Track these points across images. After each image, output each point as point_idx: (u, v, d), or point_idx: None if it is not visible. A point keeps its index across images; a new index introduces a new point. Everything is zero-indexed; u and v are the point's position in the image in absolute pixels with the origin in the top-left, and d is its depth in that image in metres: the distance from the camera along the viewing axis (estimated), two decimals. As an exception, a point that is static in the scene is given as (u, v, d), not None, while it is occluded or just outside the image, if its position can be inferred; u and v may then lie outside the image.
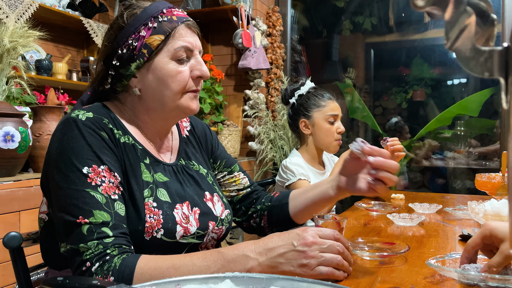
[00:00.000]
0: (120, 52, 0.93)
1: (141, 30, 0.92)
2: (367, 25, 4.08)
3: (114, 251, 0.78)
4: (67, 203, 0.81)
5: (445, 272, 0.79)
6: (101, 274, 0.76)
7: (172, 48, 0.92)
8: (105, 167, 0.85)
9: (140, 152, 0.95)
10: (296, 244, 0.76)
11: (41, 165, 1.92)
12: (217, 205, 1.05)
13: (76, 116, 0.87)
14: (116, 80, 0.96)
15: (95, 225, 0.79)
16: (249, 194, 1.20)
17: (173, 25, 0.93)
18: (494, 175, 1.52)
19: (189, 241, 0.94)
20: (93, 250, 0.78)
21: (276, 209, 1.16)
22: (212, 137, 1.21)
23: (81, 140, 0.85)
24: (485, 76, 0.37)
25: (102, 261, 0.77)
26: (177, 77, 0.93)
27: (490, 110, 3.64)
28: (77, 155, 0.83)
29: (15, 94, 1.97)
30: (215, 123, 3.09)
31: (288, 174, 1.74)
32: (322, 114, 1.81)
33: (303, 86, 1.89)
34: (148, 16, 0.93)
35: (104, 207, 0.81)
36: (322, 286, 0.60)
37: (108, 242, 0.79)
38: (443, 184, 3.94)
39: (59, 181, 0.83)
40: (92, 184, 0.82)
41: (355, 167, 0.98)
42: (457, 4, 0.36)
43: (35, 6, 2.42)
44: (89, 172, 0.83)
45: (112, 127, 0.91)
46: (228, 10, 3.02)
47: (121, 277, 0.75)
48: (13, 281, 1.55)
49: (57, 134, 0.87)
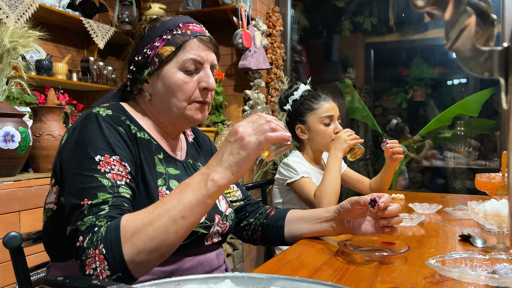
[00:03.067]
0: (137, 59, 1.02)
1: (156, 41, 1.01)
2: (367, 25, 4.08)
3: (102, 221, 0.79)
4: (77, 187, 0.84)
5: (445, 272, 0.79)
6: (92, 247, 0.77)
7: (181, 59, 0.99)
8: (117, 157, 0.89)
9: (154, 147, 1.01)
10: (231, 139, 0.82)
11: (41, 165, 1.93)
12: (222, 202, 1.10)
13: (97, 111, 0.93)
14: (133, 83, 1.05)
15: (95, 205, 0.82)
16: (243, 207, 1.24)
17: (185, 38, 1.00)
18: (494, 175, 1.52)
19: (197, 229, 0.98)
20: (87, 224, 0.80)
21: (270, 229, 1.20)
22: (212, 146, 1.28)
23: (99, 132, 0.89)
24: (485, 76, 0.37)
25: (91, 233, 0.78)
26: (183, 87, 0.99)
27: (490, 110, 3.63)
28: (93, 145, 0.88)
29: (15, 94, 1.97)
30: (215, 123, 3.09)
31: (290, 172, 1.72)
32: (316, 117, 1.77)
33: (297, 91, 1.85)
34: (165, 29, 1.01)
35: (109, 190, 0.84)
36: (322, 286, 0.60)
37: (100, 214, 0.81)
38: (443, 184, 3.94)
39: (73, 167, 0.87)
40: (101, 170, 0.86)
41: (357, 213, 1.05)
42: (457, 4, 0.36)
43: (35, 6, 2.42)
44: (101, 160, 0.87)
45: (129, 123, 0.97)
46: (228, 10, 3.02)
47: (109, 242, 0.76)
48: (13, 281, 1.55)
49: (78, 126, 0.92)
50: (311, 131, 1.79)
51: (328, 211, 1.12)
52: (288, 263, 0.94)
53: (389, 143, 1.72)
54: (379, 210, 0.99)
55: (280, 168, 1.80)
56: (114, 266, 0.75)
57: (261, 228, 1.21)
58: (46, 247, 1.01)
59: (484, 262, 0.83)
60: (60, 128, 1.96)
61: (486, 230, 1.23)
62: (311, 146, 1.83)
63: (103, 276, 0.76)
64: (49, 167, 1.93)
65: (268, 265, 0.93)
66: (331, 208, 1.11)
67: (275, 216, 1.21)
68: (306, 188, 1.65)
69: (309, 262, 0.94)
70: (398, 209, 1.00)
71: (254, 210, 1.25)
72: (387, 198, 1.00)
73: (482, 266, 0.82)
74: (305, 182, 1.67)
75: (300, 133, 1.82)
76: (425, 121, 3.70)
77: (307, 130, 1.80)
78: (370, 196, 1.00)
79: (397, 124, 3.91)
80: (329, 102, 1.80)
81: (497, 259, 0.82)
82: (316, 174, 1.82)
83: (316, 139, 1.79)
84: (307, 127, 1.80)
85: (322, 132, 1.77)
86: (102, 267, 0.76)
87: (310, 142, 1.82)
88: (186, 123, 1.04)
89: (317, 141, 1.79)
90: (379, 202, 0.98)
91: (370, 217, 1.05)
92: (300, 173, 1.69)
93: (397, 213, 1.00)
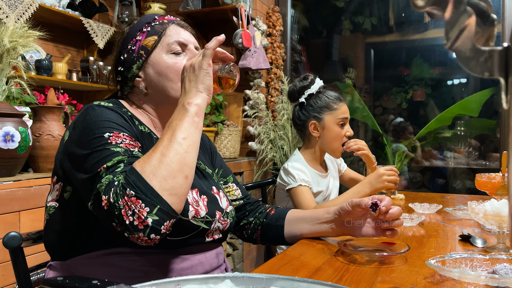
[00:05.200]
0: (122, 58, 1.05)
1: (137, 35, 1.05)
2: (367, 25, 4.08)
3: (120, 176, 0.81)
4: (91, 163, 0.85)
5: (445, 272, 0.79)
6: (120, 197, 0.77)
7: (166, 43, 1.03)
8: (126, 134, 0.91)
9: (155, 140, 1.02)
10: (185, 74, 0.92)
11: (41, 165, 1.93)
12: (223, 199, 1.09)
13: (98, 103, 0.96)
14: (123, 83, 1.07)
15: (111, 166, 0.83)
16: (242, 206, 1.24)
17: (164, 26, 1.06)
18: (494, 175, 1.52)
19: (199, 224, 0.97)
20: (105, 184, 0.80)
21: (270, 228, 1.20)
22: (211, 145, 1.28)
23: (103, 116, 0.92)
24: (485, 76, 0.37)
25: (112, 188, 0.79)
26: (174, 67, 1.02)
27: (490, 110, 3.63)
28: (99, 126, 0.89)
29: (15, 94, 1.97)
30: (215, 123, 3.09)
31: (289, 178, 1.69)
32: (333, 118, 1.74)
33: (313, 84, 1.79)
34: (143, 23, 1.06)
35: (122, 154, 0.85)
36: (322, 286, 0.60)
37: (116, 172, 0.82)
38: (443, 184, 3.94)
39: (83, 150, 0.87)
40: (113, 143, 0.87)
41: (358, 215, 1.05)
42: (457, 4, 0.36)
43: (35, 6, 2.42)
44: (110, 136, 0.88)
45: (131, 115, 1.00)
46: (228, 10, 3.02)
47: (133, 183, 0.78)
48: (13, 281, 1.55)
49: (80, 117, 0.93)
50: (325, 130, 1.75)
51: (328, 212, 1.11)
52: (288, 263, 0.94)
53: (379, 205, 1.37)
54: (380, 213, 0.99)
55: (281, 173, 1.77)
56: (149, 201, 0.77)
57: (261, 227, 1.21)
58: (47, 246, 1.01)
59: (484, 262, 0.83)
60: (60, 128, 1.96)
61: (486, 230, 1.23)
62: (319, 145, 1.80)
63: (143, 215, 0.76)
64: (49, 167, 1.93)
65: (268, 265, 0.93)
66: (332, 210, 1.10)
67: (275, 215, 1.21)
68: (301, 198, 1.63)
69: (309, 262, 0.94)
70: (399, 212, 1.00)
71: (254, 209, 1.25)
72: (388, 201, 1.00)
73: (482, 266, 0.82)
74: (301, 191, 1.64)
75: (312, 130, 1.77)
76: (425, 121, 3.69)
77: (321, 128, 1.76)
78: (371, 199, 1.00)
79: (401, 123, 3.91)
80: (345, 104, 1.78)
81: (497, 259, 0.82)
82: (316, 178, 1.80)
83: (327, 139, 1.76)
84: (321, 125, 1.76)
85: (337, 133, 1.74)
86: (139, 207, 0.77)
87: (320, 140, 1.78)
88: None
89: (327, 140, 1.76)
90: (380, 206, 0.98)
91: (371, 218, 1.05)
92: (298, 180, 1.66)
93: (398, 216, 1.00)
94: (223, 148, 3.03)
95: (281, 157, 3.21)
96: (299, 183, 1.65)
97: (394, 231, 1.01)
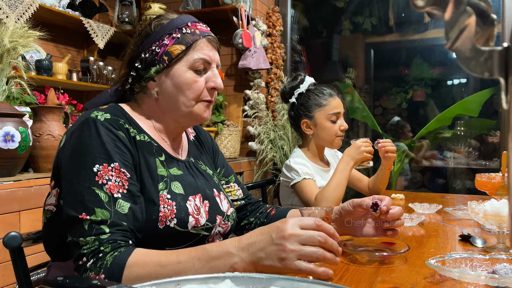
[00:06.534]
0: (143, 56, 1.01)
1: (165, 39, 1.00)
2: (367, 25, 4.08)
3: (107, 248, 0.81)
4: (74, 198, 0.86)
5: (445, 272, 0.79)
6: (94, 271, 0.79)
7: (191, 58, 1.00)
8: (116, 164, 0.89)
9: (155, 149, 1.01)
10: (274, 237, 0.74)
11: (41, 165, 1.93)
12: (224, 202, 1.10)
13: (95, 116, 0.93)
14: (136, 81, 1.03)
15: (95, 222, 0.83)
16: (243, 206, 1.24)
17: (195, 38, 1.01)
18: (494, 175, 1.52)
19: (199, 232, 0.98)
20: (90, 245, 0.82)
21: None
22: (213, 144, 1.28)
23: (97, 139, 0.89)
24: (485, 76, 0.37)
25: (95, 258, 0.80)
26: (192, 86, 1.00)
27: (490, 110, 3.64)
28: (91, 153, 0.88)
29: (15, 94, 1.97)
30: (215, 123, 3.09)
31: (292, 174, 1.70)
32: (324, 114, 1.75)
33: (302, 83, 1.81)
34: (174, 27, 1.01)
35: (106, 206, 0.85)
36: (322, 286, 0.60)
37: (103, 238, 0.82)
38: (443, 184, 3.94)
39: (70, 175, 0.88)
40: (99, 182, 0.86)
41: (359, 215, 1.05)
42: (457, 4, 0.36)
43: (35, 6, 2.42)
44: (99, 170, 0.87)
45: (128, 127, 0.97)
46: (228, 10, 3.02)
47: (111, 274, 0.78)
48: (13, 281, 1.55)
49: (76, 131, 0.92)
50: (318, 127, 1.77)
51: None
52: (288, 263, 0.94)
53: (380, 142, 1.71)
54: (381, 213, 0.99)
55: (283, 170, 1.78)
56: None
57: None
58: (46, 247, 1.02)
59: (484, 262, 0.83)
60: (60, 128, 1.96)
61: (486, 230, 1.23)
62: (315, 142, 1.81)
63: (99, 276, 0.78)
64: (49, 167, 1.93)
65: (268, 265, 0.93)
66: None
67: (275, 215, 1.21)
68: (306, 190, 1.64)
69: (309, 262, 0.94)
70: (400, 212, 1.00)
71: (255, 209, 1.25)
72: (389, 201, 1.00)
73: (482, 266, 0.82)
74: (306, 184, 1.65)
75: (305, 128, 1.79)
76: (425, 121, 3.70)
77: (313, 125, 1.78)
78: (372, 200, 1.00)
79: (398, 122, 3.90)
80: (336, 98, 1.78)
81: (497, 259, 0.82)
82: (319, 172, 1.81)
83: (321, 135, 1.77)
84: (313, 122, 1.78)
85: (329, 128, 1.75)
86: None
87: (315, 137, 1.80)
88: (192, 121, 1.05)
89: (322, 137, 1.77)
90: (381, 206, 0.98)
91: (371, 218, 1.05)
92: (302, 174, 1.67)
93: (399, 216, 1.00)
94: (223, 148, 3.03)
95: (281, 157, 3.21)
96: (303, 177, 1.66)
97: (395, 231, 1.01)
